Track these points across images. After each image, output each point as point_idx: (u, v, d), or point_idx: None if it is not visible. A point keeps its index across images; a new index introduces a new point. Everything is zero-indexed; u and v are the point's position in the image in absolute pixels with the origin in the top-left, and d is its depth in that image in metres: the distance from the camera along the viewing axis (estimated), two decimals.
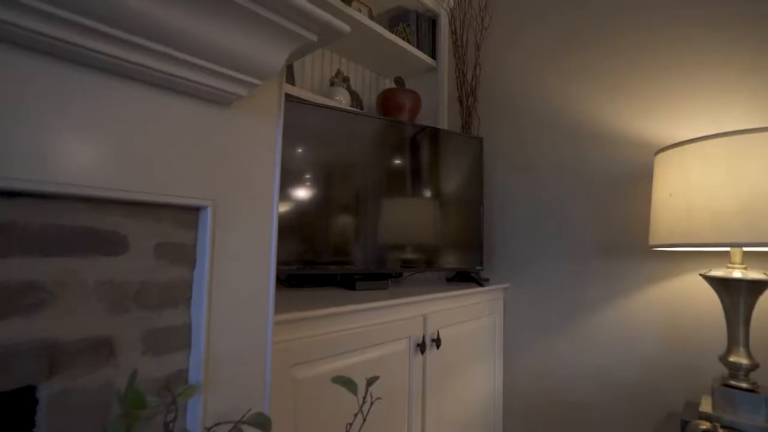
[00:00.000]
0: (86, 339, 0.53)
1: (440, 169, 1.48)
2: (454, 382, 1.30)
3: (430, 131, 1.46)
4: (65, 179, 0.49)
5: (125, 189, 0.53)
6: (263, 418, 0.54)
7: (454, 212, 1.49)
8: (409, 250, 1.36)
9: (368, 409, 0.56)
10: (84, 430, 0.52)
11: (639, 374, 1.31)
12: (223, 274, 0.63)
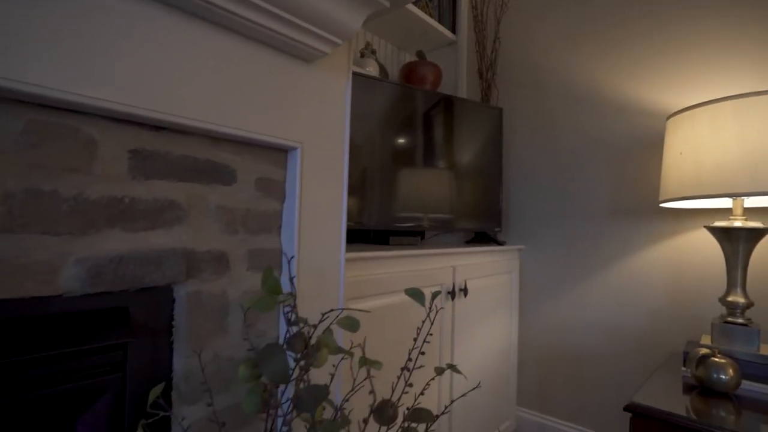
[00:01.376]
0: (210, 251, 0.64)
1: (463, 137, 1.58)
2: (477, 328, 1.43)
3: (454, 100, 1.55)
4: (195, 116, 0.59)
5: (237, 127, 0.64)
6: (352, 320, 0.65)
7: (474, 178, 1.60)
8: (434, 213, 1.48)
9: (434, 315, 0.68)
10: (207, 325, 0.64)
11: (644, 324, 1.44)
12: (308, 207, 0.74)
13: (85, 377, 0.55)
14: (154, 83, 0.55)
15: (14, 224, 0.47)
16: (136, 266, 0.56)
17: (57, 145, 0.50)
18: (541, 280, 1.70)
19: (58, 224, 0.50)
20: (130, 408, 0.59)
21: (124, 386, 0.58)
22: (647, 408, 0.89)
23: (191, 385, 0.62)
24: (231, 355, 0.67)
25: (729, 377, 0.94)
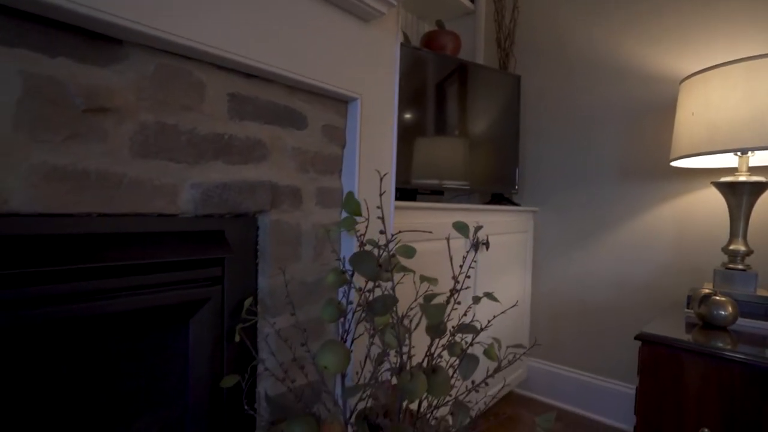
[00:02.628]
0: (288, 186, 0.74)
1: (482, 104, 1.66)
2: (495, 281, 1.55)
3: (475, 67, 1.63)
4: (280, 65, 0.68)
5: (311, 77, 0.73)
6: (409, 248, 0.76)
7: (493, 143, 1.69)
8: (454, 175, 1.57)
9: (477, 245, 0.78)
10: (286, 251, 0.75)
11: (651, 278, 1.56)
12: (365, 153, 0.84)
13: (195, 286, 0.66)
14: (249, 35, 0.63)
15: (149, 151, 0.57)
16: (235, 193, 0.66)
17: (177, 86, 0.59)
18: (554, 239, 1.81)
19: (179, 153, 0.60)
20: (227, 315, 0.70)
21: (223, 297, 0.69)
22: (655, 336, 1.01)
23: (274, 299, 0.73)
24: (303, 279, 0.78)
25: (728, 313, 1.06)
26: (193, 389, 0.67)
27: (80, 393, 0.59)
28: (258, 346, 0.73)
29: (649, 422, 1.03)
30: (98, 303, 0.55)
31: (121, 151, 0.55)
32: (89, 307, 0.54)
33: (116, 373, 0.62)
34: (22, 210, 0.48)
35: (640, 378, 1.05)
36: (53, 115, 0.49)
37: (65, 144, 0.50)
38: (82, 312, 0.54)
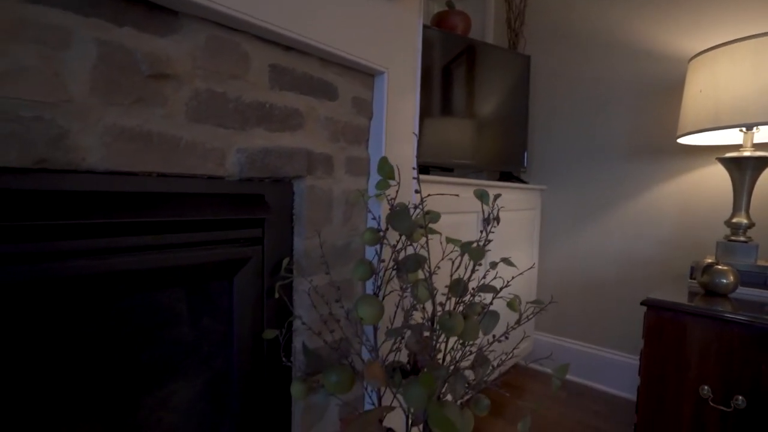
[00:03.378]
0: (322, 154, 0.79)
1: (491, 83, 1.70)
2: (505, 254, 1.60)
3: (485, 47, 1.66)
4: (316, 38, 0.72)
5: (344, 51, 0.77)
6: (434, 213, 0.81)
7: (502, 123, 1.73)
8: (464, 153, 1.61)
9: (497, 212, 0.83)
10: (319, 215, 0.80)
11: (655, 252, 1.62)
12: (390, 125, 0.89)
13: (239, 245, 0.71)
14: (290, 9, 0.67)
15: (201, 116, 0.62)
16: (275, 159, 0.71)
17: (225, 56, 0.63)
18: (561, 217, 1.86)
19: (227, 119, 0.65)
20: (266, 274, 0.75)
21: (263, 257, 0.75)
22: (660, 301, 1.07)
23: (309, 260, 0.79)
24: (334, 242, 0.83)
25: (729, 281, 1.11)
26: (237, 342, 0.73)
27: (139, 344, 0.65)
28: (294, 303, 0.79)
29: (652, 383, 1.10)
30: (157, 256, 0.61)
31: (179, 116, 0.59)
32: (152, 259, 0.60)
33: (171, 326, 0.67)
34: (96, 168, 0.53)
35: (645, 341, 1.11)
36: (122, 80, 0.53)
37: (132, 107, 0.55)
38: (147, 264, 0.59)
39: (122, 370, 0.63)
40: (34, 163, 0.48)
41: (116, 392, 0.63)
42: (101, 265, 0.55)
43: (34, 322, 0.54)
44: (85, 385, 0.60)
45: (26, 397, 0.57)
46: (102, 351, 0.62)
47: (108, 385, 0.62)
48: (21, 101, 0.46)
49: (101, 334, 0.61)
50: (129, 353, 0.64)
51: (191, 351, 0.71)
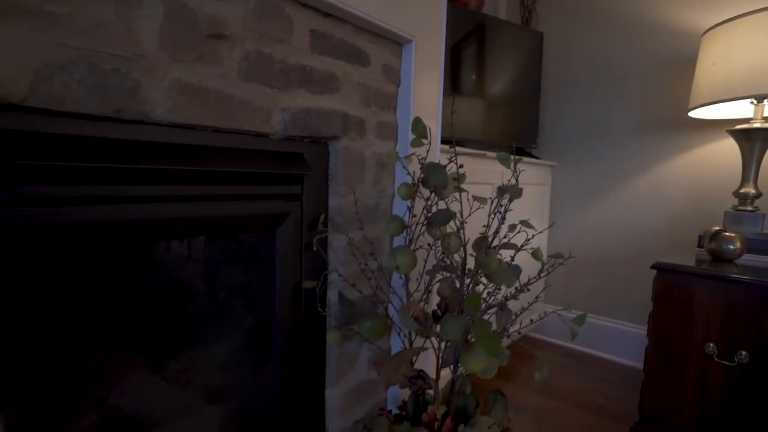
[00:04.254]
0: (356, 117, 0.84)
1: (504, 60, 1.72)
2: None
3: (499, 23, 1.68)
4: (352, 6, 0.76)
5: (377, 18, 0.81)
6: (461, 175, 0.86)
7: (514, 98, 1.76)
8: (476, 127, 1.65)
9: (518, 174, 0.88)
10: (353, 175, 0.85)
11: (664, 225, 1.66)
12: (417, 93, 0.93)
13: (281, 200, 0.76)
14: None
15: (251, 76, 0.66)
16: (316, 119, 0.76)
17: (272, 20, 0.68)
18: (571, 192, 1.91)
19: (273, 80, 0.69)
20: (304, 228, 0.81)
21: (302, 212, 0.80)
22: (669, 264, 1.12)
23: (343, 217, 0.84)
24: (365, 202, 0.89)
25: (736, 247, 1.16)
26: (279, 290, 0.78)
27: (196, 286, 0.70)
28: (329, 257, 0.85)
29: (660, 343, 1.15)
30: (213, 206, 0.66)
31: (232, 75, 0.64)
32: (209, 208, 0.65)
33: (223, 273, 0.73)
34: (162, 120, 0.58)
35: (654, 303, 1.17)
36: (185, 38, 0.58)
37: (193, 64, 0.59)
38: (204, 212, 0.65)
39: (184, 310, 0.69)
40: (112, 112, 0.53)
41: (184, 329, 0.69)
42: (170, 210, 0.61)
43: (109, 262, 0.60)
44: (159, 323, 0.66)
45: (94, 340, 0.63)
46: (163, 292, 0.67)
47: (177, 322, 0.68)
48: (102, 54, 0.51)
49: (164, 276, 0.66)
50: (188, 295, 0.70)
51: (240, 296, 0.76)
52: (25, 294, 0.65)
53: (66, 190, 0.52)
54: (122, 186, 0.56)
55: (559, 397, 1.51)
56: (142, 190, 0.58)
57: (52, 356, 0.69)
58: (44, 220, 0.51)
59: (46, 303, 0.66)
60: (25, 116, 0.48)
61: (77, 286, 0.63)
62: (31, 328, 0.66)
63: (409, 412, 0.81)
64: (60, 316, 0.64)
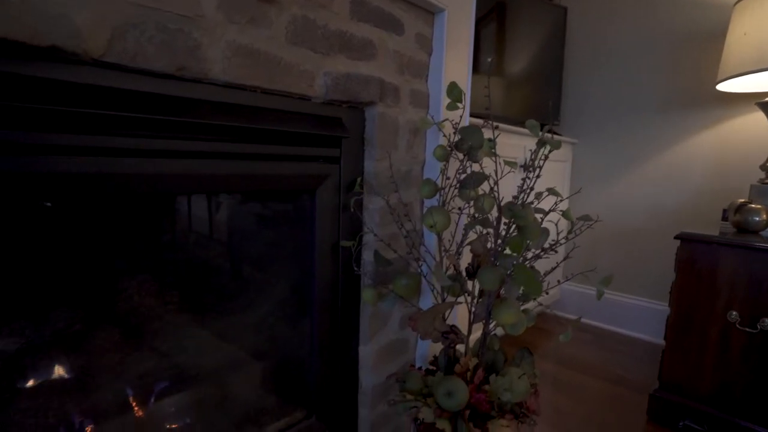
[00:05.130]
0: (391, 84, 0.86)
1: (527, 36, 1.72)
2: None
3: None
4: None
5: None
6: (490, 143, 0.88)
7: (536, 75, 1.76)
8: (497, 104, 1.66)
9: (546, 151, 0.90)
10: (387, 140, 0.88)
11: (687, 201, 1.67)
12: (449, 62, 0.95)
13: (321, 162, 0.80)
14: None
15: (297, 40, 0.69)
16: (355, 84, 0.79)
17: None
18: (592, 169, 1.91)
19: (316, 44, 0.72)
20: (342, 190, 0.84)
21: (340, 175, 0.84)
22: (694, 234, 1.14)
23: (378, 181, 0.88)
24: (398, 167, 0.92)
25: (761, 219, 1.17)
26: (318, 247, 0.83)
27: (240, 241, 0.75)
28: (364, 219, 0.88)
29: (682, 311, 1.18)
30: (262, 164, 0.70)
31: (280, 38, 0.67)
32: (258, 167, 0.69)
33: (268, 227, 0.78)
34: (217, 79, 0.62)
35: (677, 274, 1.19)
36: (239, 1, 0.61)
37: (246, 26, 0.63)
38: (254, 170, 0.69)
39: (233, 264, 0.74)
40: (176, 70, 0.57)
41: (231, 283, 0.74)
42: (227, 166, 0.65)
43: (175, 209, 0.65)
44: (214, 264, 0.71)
45: (148, 290, 0.68)
46: (213, 248, 0.72)
47: (226, 276, 0.73)
48: (169, 14, 0.54)
49: (215, 233, 0.71)
50: (237, 251, 0.75)
51: (284, 254, 0.81)
52: (101, 241, 0.71)
53: (131, 143, 0.56)
54: (187, 141, 0.61)
55: (577, 368, 1.54)
56: (201, 145, 0.63)
57: (114, 305, 0.75)
58: (113, 170, 0.55)
59: (115, 251, 0.72)
60: (103, 71, 0.53)
61: (142, 235, 0.69)
62: (103, 277, 0.72)
63: (441, 366, 0.85)
64: (120, 265, 0.69)
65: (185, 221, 0.91)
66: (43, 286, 0.73)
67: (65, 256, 0.71)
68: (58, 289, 0.75)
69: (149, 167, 0.58)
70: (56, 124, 0.50)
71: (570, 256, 0.82)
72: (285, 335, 0.92)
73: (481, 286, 0.69)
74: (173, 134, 0.60)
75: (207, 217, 0.83)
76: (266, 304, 0.90)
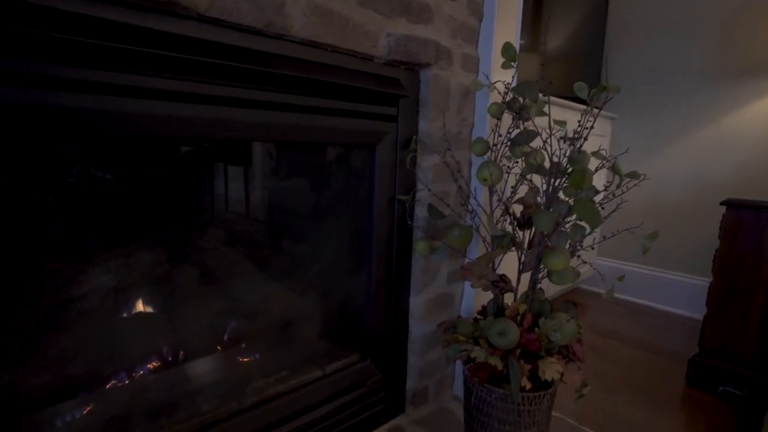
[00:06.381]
0: (445, 47, 0.91)
1: (569, 7, 1.72)
2: None
3: None
4: None
5: None
6: (541, 104, 0.91)
7: (577, 49, 1.76)
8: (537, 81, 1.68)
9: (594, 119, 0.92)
10: (440, 101, 0.93)
11: (730, 175, 1.65)
12: (499, 26, 0.99)
13: (381, 120, 0.86)
14: None
15: (364, 1, 0.75)
16: (414, 45, 0.84)
17: None
18: (630, 144, 1.90)
19: (380, 6, 0.77)
20: (399, 147, 0.90)
21: (397, 133, 0.89)
22: (741, 200, 1.14)
23: (431, 140, 0.93)
24: (449, 128, 0.97)
25: None
26: (376, 201, 0.89)
27: (309, 186, 0.82)
28: (418, 176, 0.94)
29: (726, 278, 1.19)
30: (332, 119, 0.77)
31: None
32: (328, 120, 0.76)
33: (334, 177, 0.84)
34: (296, 36, 0.68)
35: (721, 241, 1.19)
36: None
37: None
38: (325, 123, 0.75)
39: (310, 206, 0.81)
40: (263, 26, 0.63)
41: (305, 226, 0.81)
42: (299, 119, 0.72)
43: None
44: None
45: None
46: (286, 192, 0.79)
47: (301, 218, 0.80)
48: None
49: (287, 179, 0.78)
50: (300, 201, 0.82)
51: (346, 201, 0.88)
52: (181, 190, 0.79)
53: (226, 91, 0.63)
54: (270, 92, 0.67)
55: (614, 337, 1.57)
56: (280, 97, 0.69)
57: (193, 253, 0.84)
58: (215, 116, 0.63)
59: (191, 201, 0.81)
60: (204, 26, 0.60)
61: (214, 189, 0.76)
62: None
63: (490, 313, 0.90)
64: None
65: (257, 175, 0.99)
66: (136, 231, 0.82)
67: (153, 202, 0.80)
68: (148, 234, 0.84)
69: (236, 115, 0.65)
70: (171, 70, 0.57)
71: (620, 207, 0.86)
72: (344, 284, 0.99)
73: (537, 228, 0.74)
74: (258, 85, 0.66)
75: (274, 173, 0.90)
76: (328, 255, 0.98)
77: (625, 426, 1.05)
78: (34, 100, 0.48)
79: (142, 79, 0.55)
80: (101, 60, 0.51)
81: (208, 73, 0.60)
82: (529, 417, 0.81)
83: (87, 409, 0.70)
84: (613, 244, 1.99)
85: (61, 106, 0.49)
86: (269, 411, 0.80)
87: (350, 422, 0.91)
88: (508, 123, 0.92)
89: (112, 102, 0.53)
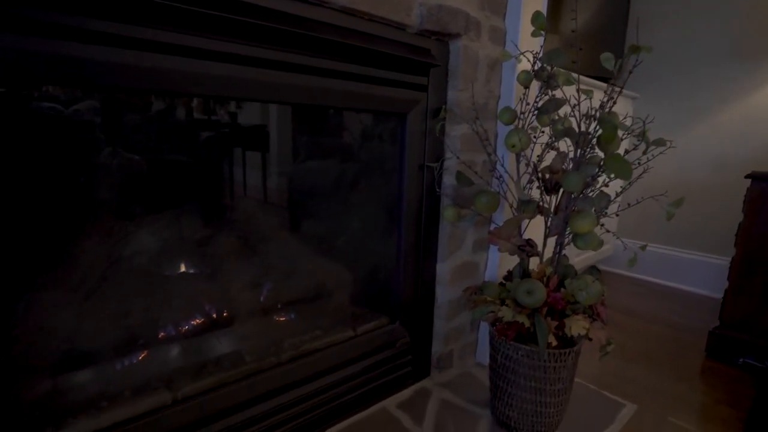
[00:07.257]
0: (474, 18, 0.93)
1: None
2: None
3: None
4: None
5: None
6: (567, 74, 0.93)
7: (600, 27, 1.76)
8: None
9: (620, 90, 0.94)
10: (468, 72, 0.95)
11: (756, 156, 1.64)
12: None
13: (412, 89, 0.89)
14: None
15: None
16: (445, 15, 0.86)
17: None
18: (652, 124, 1.90)
19: None
20: (428, 116, 0.93)
21: (427, 101, 0.92)
22: (765, 173, 1.15)
23: (459, 110, 0.96)
24: (477, 99, 0.99)
25: None
26: (407, 167, 0.92)
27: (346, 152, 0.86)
28: (446, 144, 0.97)
29: (750, 251, 1.20)
30: (368, 86, 0.80)
31: None
32: (362, 86, 0.79)
33: (368, 140, 0.88)
34: (335, 3, 0.71)
35: (746, 214, 1.20)
36: None
37: None
38: (359, 89, 0.79)
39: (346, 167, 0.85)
40: None
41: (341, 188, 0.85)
42: (339, 85, 0.75)
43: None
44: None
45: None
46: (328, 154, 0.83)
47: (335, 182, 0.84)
48: None
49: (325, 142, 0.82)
50: (333, 167, 0.86)
51: (378, 167, 0.91)
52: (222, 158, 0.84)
53: (269, 53, 0.67)
54: (308, 57, 0.71)
55: (632, 314, 1.59)
56: (320, 62, 0.73)
57: (232, 219, 0.88)
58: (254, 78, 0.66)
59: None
60: None
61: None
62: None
63: (516, 276, 0.93)
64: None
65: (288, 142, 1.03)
66: (177, 196, 0.87)
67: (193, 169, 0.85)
68: (188, 198, 0.89)
69: (277, 78, 0.69)
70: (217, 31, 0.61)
71: (645, 174, 0.88)
72: (375, 250, 1.03)
73: (565, 189, 0.76)
74: (300, 50, 0.70)
75: (312, 144, 0.94)
76: (359, 221, 1.02)
77: (644, 391, 1.08)
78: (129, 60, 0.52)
79: (202, 40, 0.59)
80: (158, 19, 0.55)
81: (254, 35, 0.64)
82: (555, 373, 0.84)
83: (142, 356, 0.76)
84: (633, 224, 2.00)
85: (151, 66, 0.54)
86: (305, 365, 0.84)
87: (380, 381, 0.96)
88: (534, 94, 0.94)
89: (176, 61, 0.57)
